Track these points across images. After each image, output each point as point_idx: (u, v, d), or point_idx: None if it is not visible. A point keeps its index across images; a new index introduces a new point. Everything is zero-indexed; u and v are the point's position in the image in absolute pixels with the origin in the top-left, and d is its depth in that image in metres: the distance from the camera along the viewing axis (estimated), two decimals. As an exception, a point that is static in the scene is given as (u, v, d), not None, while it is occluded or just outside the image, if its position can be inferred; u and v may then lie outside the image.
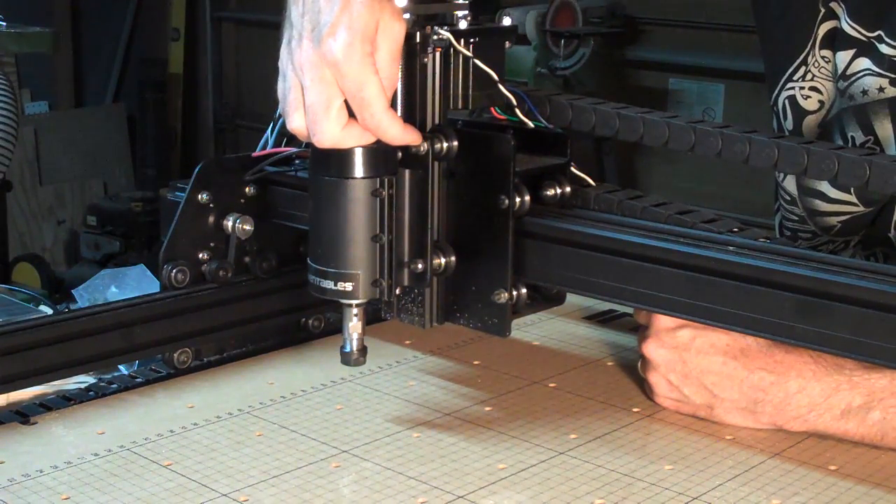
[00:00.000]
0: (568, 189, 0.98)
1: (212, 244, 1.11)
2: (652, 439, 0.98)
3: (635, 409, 1.03)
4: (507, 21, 0.99)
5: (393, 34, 0.88)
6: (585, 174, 1.02)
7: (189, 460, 0.93)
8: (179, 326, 1.09)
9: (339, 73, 0.87)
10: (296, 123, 0.91)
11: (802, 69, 1.28)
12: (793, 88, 1.29)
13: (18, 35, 3.56)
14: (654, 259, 0.90)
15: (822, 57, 1.26)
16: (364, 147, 0.90)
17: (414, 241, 0.95)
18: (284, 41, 0.92)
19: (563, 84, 3.64)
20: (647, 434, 0.99)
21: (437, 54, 0.93)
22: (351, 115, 0.89)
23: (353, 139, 0.90)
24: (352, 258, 0.92)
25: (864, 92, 1.21)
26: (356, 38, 0.87)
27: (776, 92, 1.31)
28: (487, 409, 1.04)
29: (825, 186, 1.28)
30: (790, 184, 1.33)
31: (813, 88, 1.27)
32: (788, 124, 1.30)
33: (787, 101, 1.30)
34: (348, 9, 0.87)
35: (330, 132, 0.89)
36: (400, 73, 0.92)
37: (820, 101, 1.28)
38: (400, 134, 0.90)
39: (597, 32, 3.76)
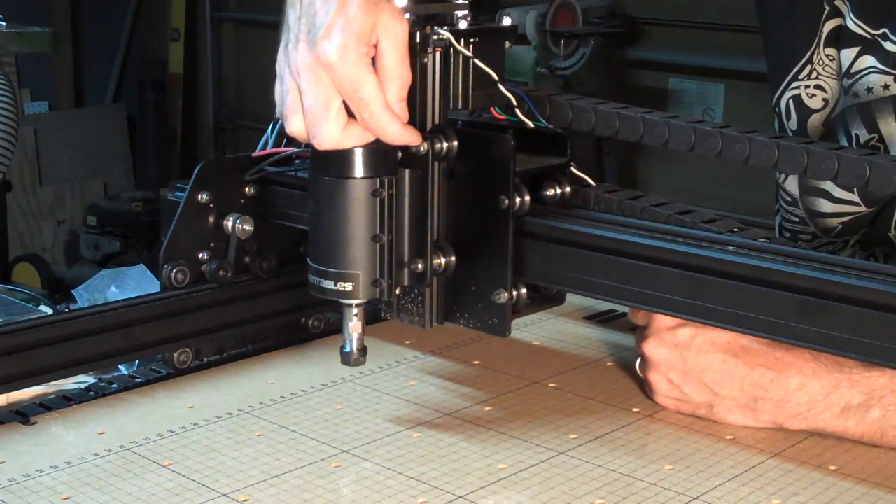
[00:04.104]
0: (568, 189, 0.98)
1: (212, 244, 1.11)
2: (652, 439, 0.98)
3: (635, 409, 1.03)
4: (507, 21, 0.99)
5: (395, 33, 0.88)
6: (585, 174, 1.02)
7: (189, 460, 0.93)
8: (179, 326, 1.09)
9: (335, 74, 0.87)
10: (295, 126, 0.91)
11: (808, 68, 1.28)
12: (798, 88, 1.29)
13: (18, 35, 3.56)
14: (654, 259, 0.90)
15: (827, 55, 1.26)
16: (364, 147, 0.90)
17: (414, 241, 0.95)
18: (282, 45, 0.92)
19: (563, 84, 3.64)
20: (647, 434, 0.99)
21: (437, 54, 0.93)
22: (350, 115, 0.89)
23: (352, 139, 0.90)
24: (352, 258, 0.92)
25: (869, 89, 1.21)
26: (351, 39, 0.87)
27: (779, 92, 1.31)
28: (487, 409, 1.04)
29: (829, 185, 1.27)
30: (791, 184, 1.33)
31: (818, 87, 1.27)
32: (792, 124, 1.30)
33: (791, 101, 1.29)
34: (344, 11, 0.87)
35: (329, 134, 0.89)
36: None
37: (824, 100, 1.28)
38: (399, 133, 0.90)
39: (597, 32, 3.76)
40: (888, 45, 1.20)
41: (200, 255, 1.11)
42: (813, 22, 1.27)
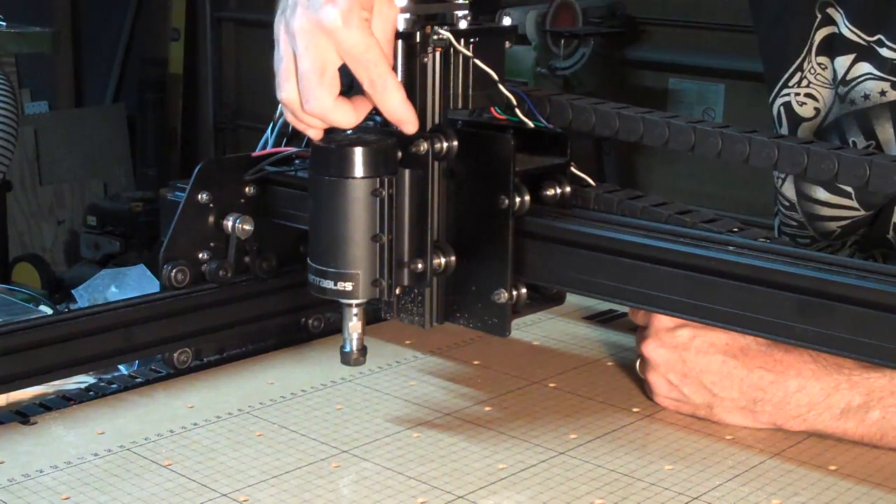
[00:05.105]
0: (568, 189, 0.98)
1: (212, 244, 1.11)
2: (652, 439, 0.98)
3: (635, 409, 1.03)
4: (507, 21, 0.99)
5: (387, 15, 0.90)
6: (585, 174, 1.02)
7: (189, 460, 0.93)
8: (179, 326, 1.09)
9: (339, 38, 0.87)
10: (287, 93, 0.91)
11: (798, 75, 1.27)
12: (788, 94, 1.28)
13: (18, 35, 3.57)
14: (654, 259, 0.90)
15: (819, 64, 1.26)
16: (364, 147, 0.90)
17: (414, 241, 0.95)
18: (279, 12, 0.92)
19: (563, 84, 3.64)
20: (647, 434, 0.99)
21: (437, 54, 0.93)
22: (344, 93, 0.90)
23: (342, 114, 0.90)
24: (352, 258, 0.92)
25: (866, 96, 1.21)
26: (355, 5, 0.87)
27: (772, 97, 1.30)
28: (487, 409, 1.04)
29: (821, 193, 1.27)
30: (788, 189, 1.32)
31: (808, 95, 1.27)
32: (784, 130, 1.30)
33: (782, 108, 1.29)
34: None
35: (322, 99, 0.89)
36: (399, 70, 0.92)
37: (816, 109, 1.27)
38: (401, 103, 0.90)
39: (597, 32, 3.76)
40: (884, 52, 1.19)
41: (200, 255, 1.11)
42: (804, 29, 1.26)
